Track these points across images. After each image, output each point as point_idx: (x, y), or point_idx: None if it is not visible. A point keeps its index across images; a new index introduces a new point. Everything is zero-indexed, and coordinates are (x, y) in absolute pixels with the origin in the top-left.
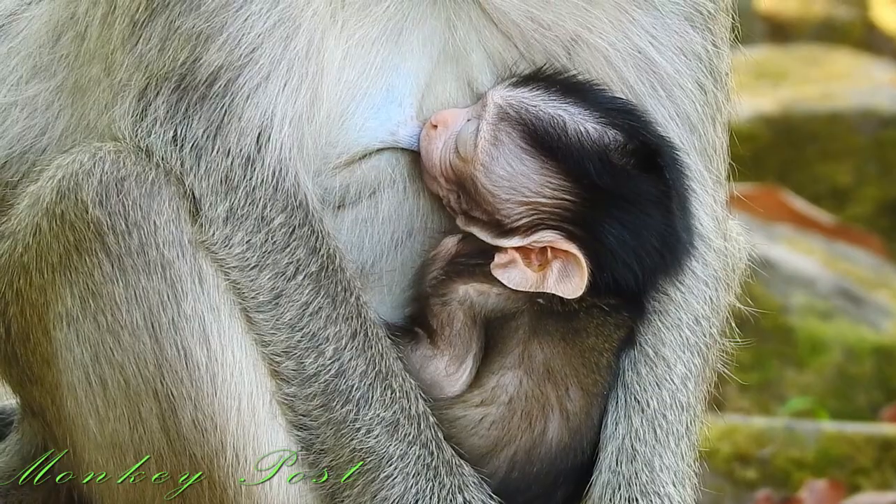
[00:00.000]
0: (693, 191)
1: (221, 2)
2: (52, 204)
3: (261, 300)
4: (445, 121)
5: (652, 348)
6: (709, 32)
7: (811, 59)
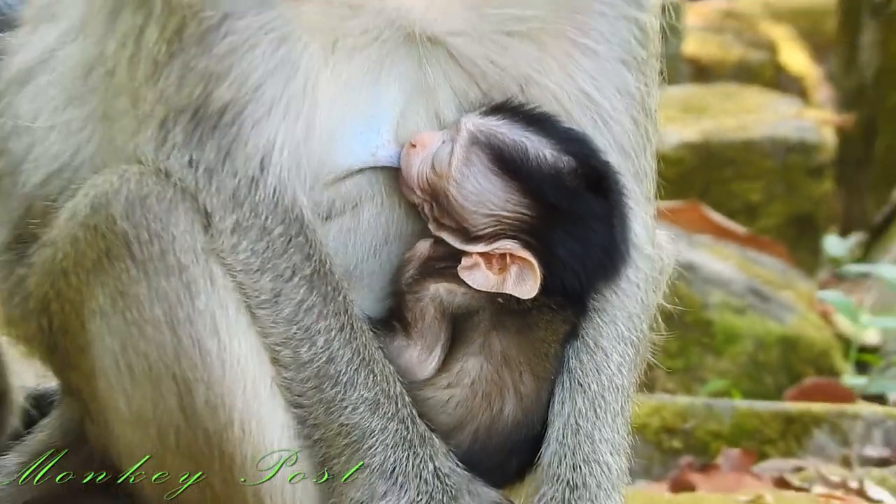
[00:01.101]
0: (629, 208)
1: (230, 47)
2: (86, 217)
3: (263, 298)
4: (424, 141)
5: (592, 340)
6: (641, 75)
7: (728, 95)
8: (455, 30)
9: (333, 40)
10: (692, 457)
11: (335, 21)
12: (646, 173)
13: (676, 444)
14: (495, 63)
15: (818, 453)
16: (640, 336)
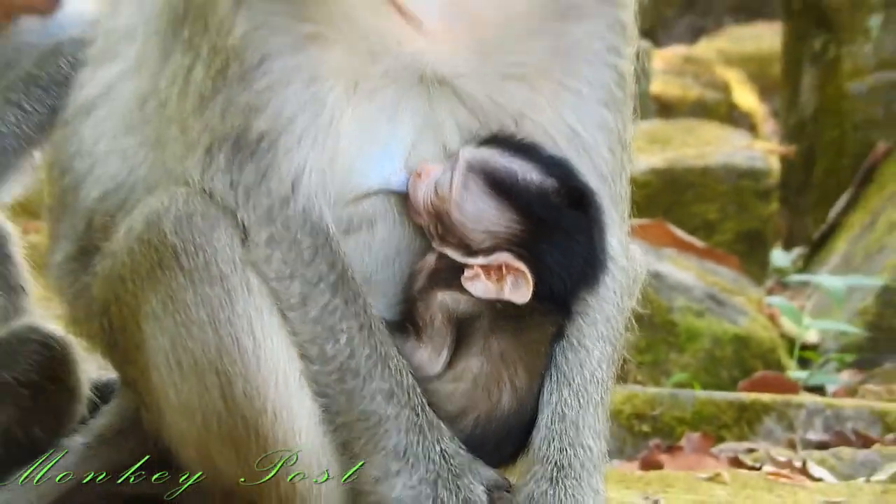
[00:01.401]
0: (606, 224)
1: (268, 84)
2: (141, 232)
3: (292, 302)
4: (428, 171)
5: (576, 339)
6: (619, 113)
7: (688, 129)
8: (460, 73)
9: (356, 81)
10: (659, 439)
11: (358, 65)
12: (621, 196)
13: (646, 428)
14: (494, 101)
15: (767, 437)
16: (617, 336)
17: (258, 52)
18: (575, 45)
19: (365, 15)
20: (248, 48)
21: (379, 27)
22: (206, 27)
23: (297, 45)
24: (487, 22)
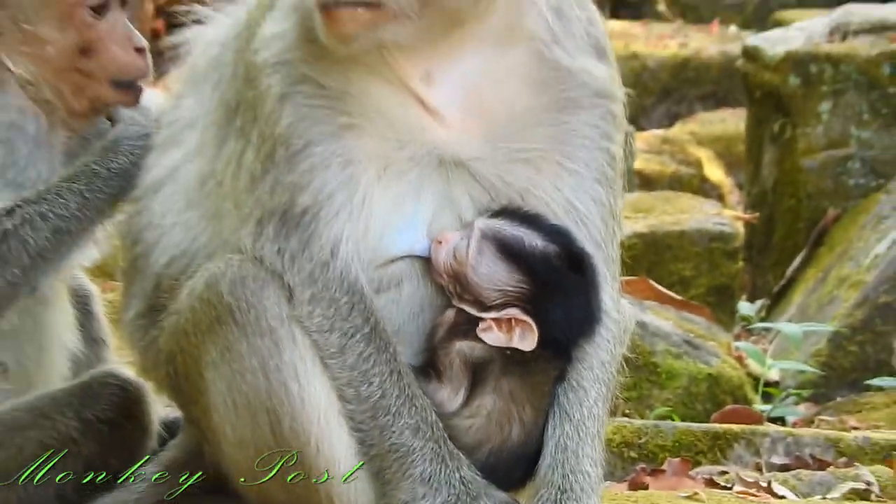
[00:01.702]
0: (600, 284)
1: (310, 167)
2: (201, 293)
3: (332, 351)
4: (447, 238)
5: (575, 381)
6: (610, 189)
7: (667, 200)
8: (474, 157)
9: (385, 165)
10: (645, 464)
11: (387, 151)
12: (613, 259)
13: (633, 454)
14: (503, 180)
15: (737, 461)
16: (610, 378)
17: (302, 139)
18: (572, 132)
19: (394, 109)
20: (293, 136)
21: (406, 119)
22: (255, 118)
23: (335, 134)
24: (497, 115)
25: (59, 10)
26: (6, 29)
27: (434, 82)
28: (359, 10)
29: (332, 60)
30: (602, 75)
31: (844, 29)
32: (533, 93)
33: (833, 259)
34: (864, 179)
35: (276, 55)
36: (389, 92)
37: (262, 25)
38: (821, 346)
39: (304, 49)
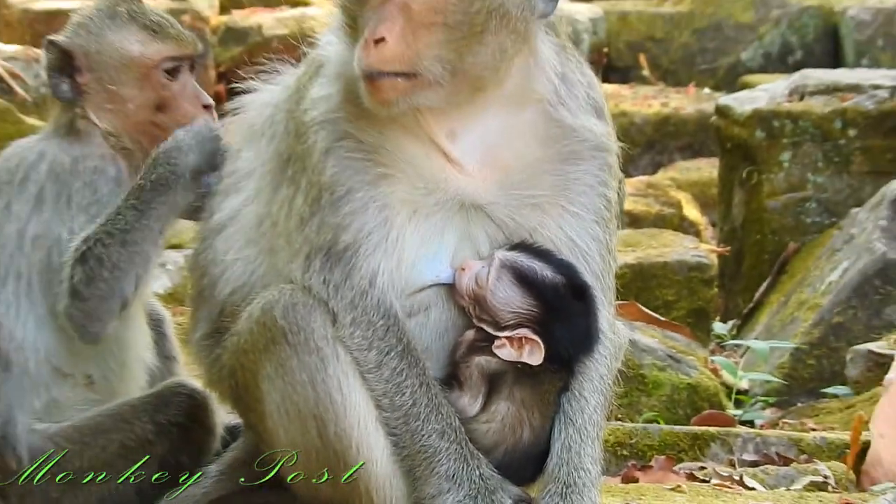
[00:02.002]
0: (598, 309)
1: (351, 210)
2: (258, 317)
3: (370, 367)
4: (470, 266)
5: (577, 391)
6: (607, 228)
7: (652, 236)
8: (490, 201)
9: (415, 208)
10: (635, 461)
11: (416, 196)
12: (609, 288)
13: (625, 452)
14: (515, 220)
15: (714, 458)
16: (607, 388)
17: (344, 186)
18: (575, 180)
19: (422, 161)
20: (337, 184)
21: (432, 170)
22: (304, 168)
23: (372, 182)
24: (510, 165)
25: (139, 73)
26: (93, 89)
27: (457, 138)
28: (398, 80)
29: (370, 119)
30: (600, 132)
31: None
32: (541, 146)
33: (794, 285)
34: (819, 218)
35: (322, 114)
36: (418, 146)
37: (309, 89)
38: (784, 360)
39: (346, 109)
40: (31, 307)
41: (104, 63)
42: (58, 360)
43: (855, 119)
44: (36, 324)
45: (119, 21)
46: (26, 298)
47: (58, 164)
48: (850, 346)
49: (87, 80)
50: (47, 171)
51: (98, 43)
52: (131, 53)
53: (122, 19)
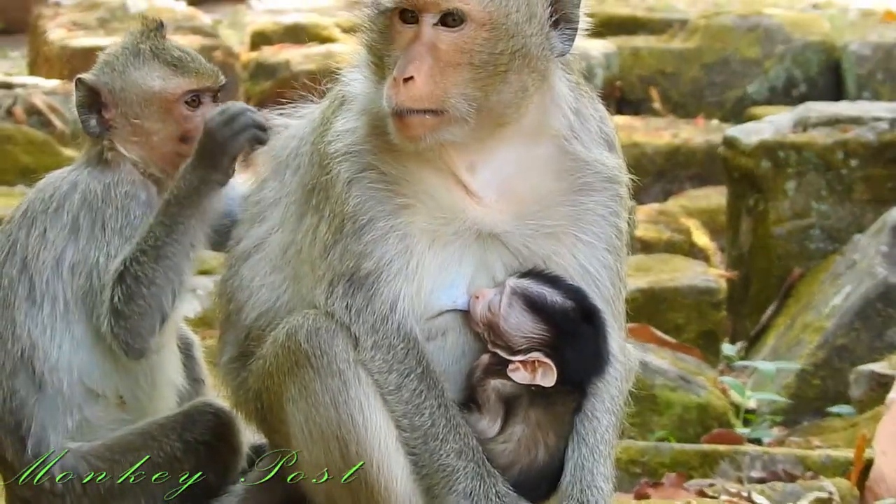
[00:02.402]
0: (609, 333)
1: (373, 238)
2: (283, 341)
3: (390, 388)
4: (483, 294)
5: (590, 412)
6: (618, 256)
7: (663, 261)
8: (506, 231)
9: (434, 237)
10: (647, 478)
11: (436, 226)
12: (619, 313)
13: (637, 470)
14: (529, 248)
15: (723, 475)
16: (619, 409)
17: (366, 216)
18: (587, 210)
19: (442, 192)
20: (359, 213)
21: (451, 201)
22: (327, 197)
23: (393, 212)
24: (526, 197)
25: (161, 107)
26: (119, 123)
27: (476, 171)
28: (426, 117)
29: (392, 152)
30: (612, 164)
31: (805, 122)
32: (555, 179)
33: (799, 309)
34: (823, 244)
35: (346, 146)
36: (439, 178)
37: (333, 123)
38: (790, 380)
39: (370, 142)
40: (67, 329)
41: (128, 99)
42: (91, 380)
43: (856, 150)
44: (71, 345)
45: (142, 58)
46: (62, 321)
47: (90, 192)
48: (854, 366)
49: (114, 115)
50: (80, 200)
51: (122, 80)
52: (153, 89)
53: (145, 56)
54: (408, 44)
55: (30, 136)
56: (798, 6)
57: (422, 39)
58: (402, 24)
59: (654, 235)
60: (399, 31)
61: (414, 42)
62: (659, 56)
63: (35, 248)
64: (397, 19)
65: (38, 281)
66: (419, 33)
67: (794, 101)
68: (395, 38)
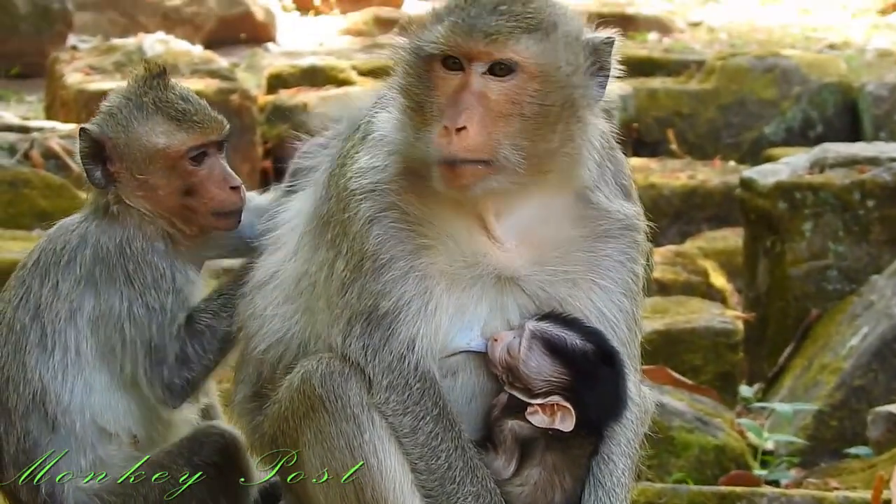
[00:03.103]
0: (626, 375)
1: (393, 278)
2: (298, 386)
3: (405, 431)
4: (502, 337)
5: (606, 455)
6: (634, 300)
7: (680, 303)
8: (524, 275)
9: (453, 280)
10: None
11: (456, 269)
12: (635, 355)
13: None
14: (546, 291)
15: None
16: (635, 452)
17: (387, 255)
18: (605, 257)
19: (464, 235)
20: (379, 252)
21: (472, 244)
22: (345, 234)
23: (414, 252)
24: (546, 243)
25: (165, 164)
26: (124, 178)
27: (501, 217)
28: (478, 167)
29: (416, 193)
30: (630, 213)
31: (822, 163)
32: (576, 227)
33: (816, 350)
34: (840, 285)
35: (369, 184)
36: (462, 221)
37: (355, 158)
38: (807, 422)
39: (394, 182)
40: (79, 374)
41: (132, 155)
42: (104, 421)
43: (873, 190)
44: (83, 389)
45: (145, 112)
46: (73, 367)
47: (102, 248)
48: (871, 407)
49: (119, 169)
50: (92, 255)
51: (126, 135)
52: (157, 146)
53: (149, 110)
54: (455, 91)
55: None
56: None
57: (471, 88)
58: (446, 71)
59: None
60: (442, 77)
61: (463, 91)
62: (675, 97)
63: (48, 298)
64: (440, 65)
65: (49, 329)
66: (468, 82)
67: (811, 142)
68: (438, 85)
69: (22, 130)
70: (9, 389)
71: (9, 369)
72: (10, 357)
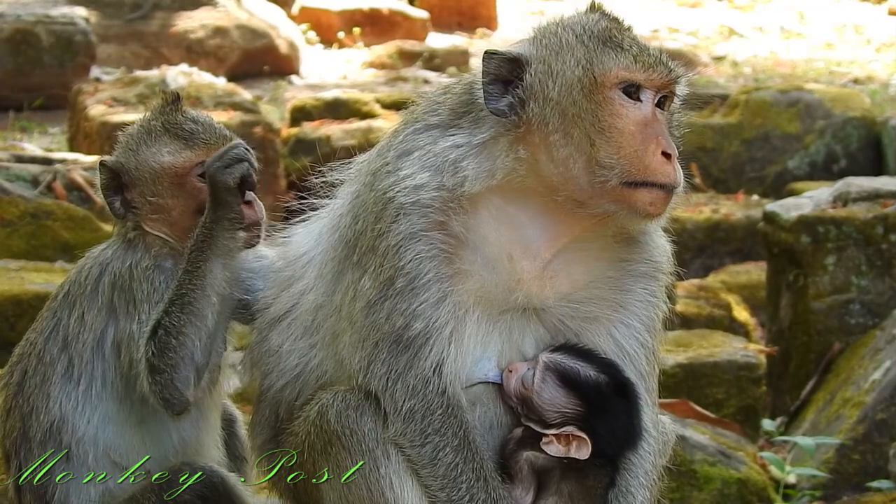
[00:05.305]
0: (641, 406)
1: (426, 300)
2: (314, 420)
3: (424, 462)
4: (517, 368)
5: (623, 486)
6: (654, 335)
7: (703, 336)
8: (548, 307)
9: (484, 309)
10: None
11: (488, 298)
12: (653, 388)
13: None
14: (562, 323)
15: None
16: (652, 483)
17: (426, 276)
18: (631, 293)
19: (499, 265)
20: (417, 271)
21: (506, 275)
22: (374, 249)
23: (453, 276)
24: (579, 279)
25: (173, 182)
26: (139, 203)
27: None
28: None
29: (462, 213)
30: (659, 258)
31: (845, 197)
32: (609, 267)
33: (839, 384)
34: (863, 319)
35: (414, 201)
36: (502, 249)
37: (394, 174)
38: (830, 455)
39: (440, 201)
40: (99, 405)
41: (143, 178)
42: (116, 454)
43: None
44: (100, 420)
45: (153, 135)
46: (96, 398)
47: (117, 275)
48: (894, 441)
49: (133, 195)
50: (110, 284)
51: (136, 159)
52: (163, 164)
53: (157, 133)
54: (644, 120)
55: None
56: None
57: (658, 117)
58: (625, 98)
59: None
60: (621, 104)
61: (654, 119)
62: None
63: (75, 329)
64: (620, 92)
65: (77, 360)
66: (653, 111)
67: (835, 176)
68: (618, 112)
69: (45, 162)
70: (31, 418)
71: (34, 399)
72: (36, 388)
